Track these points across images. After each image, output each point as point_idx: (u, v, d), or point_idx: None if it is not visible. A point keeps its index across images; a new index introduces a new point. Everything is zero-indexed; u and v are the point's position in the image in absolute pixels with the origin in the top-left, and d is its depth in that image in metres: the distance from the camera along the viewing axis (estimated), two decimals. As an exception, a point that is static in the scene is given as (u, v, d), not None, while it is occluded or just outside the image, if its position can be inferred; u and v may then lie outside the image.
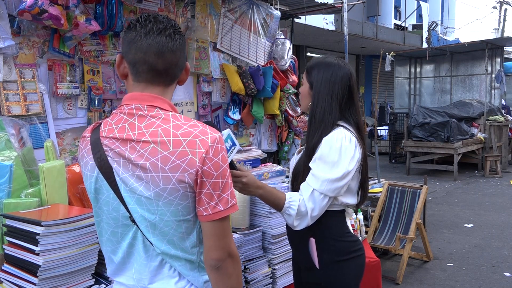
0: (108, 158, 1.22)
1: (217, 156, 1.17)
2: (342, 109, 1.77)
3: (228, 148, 1.52)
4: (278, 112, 4.00)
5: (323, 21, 9.54)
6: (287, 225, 1.93)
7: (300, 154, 1.87)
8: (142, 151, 1.17)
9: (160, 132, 1.18)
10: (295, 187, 1.80)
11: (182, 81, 1.34)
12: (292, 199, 1.67)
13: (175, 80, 1.30)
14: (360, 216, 3.50)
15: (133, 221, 1.22)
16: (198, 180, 1.16)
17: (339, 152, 1.66)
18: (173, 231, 1.20)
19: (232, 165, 1.58)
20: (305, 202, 1.66)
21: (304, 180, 1.71)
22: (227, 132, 1.52)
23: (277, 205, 1.68)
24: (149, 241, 1.22)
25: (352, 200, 1.78)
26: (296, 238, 1.85)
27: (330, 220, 1.76)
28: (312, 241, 1.76)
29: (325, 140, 1.70)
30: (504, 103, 12.03)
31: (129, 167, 1.19)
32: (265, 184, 1.69)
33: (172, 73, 1.27)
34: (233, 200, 1.20)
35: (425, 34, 13.18)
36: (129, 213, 1.22)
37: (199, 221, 1.22)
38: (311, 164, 1.71)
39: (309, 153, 1.74)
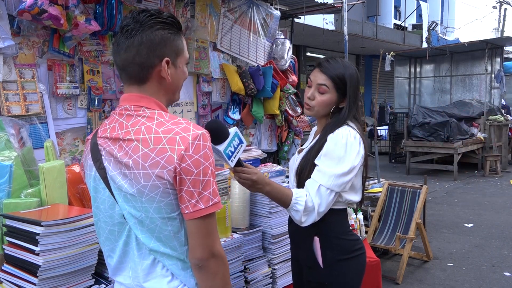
0: (102, 157, 1.25)
1: (198, 153, 1.16)
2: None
3: (236, 146, 1.53)
4: (278, 112, 4.00)
5: (323, 21, 9.55)
6: (289, 224, 1.94)
7: (302, 153, 1.87)
8: (127, 149, 1.19)
9: (143, 130, 1.19)
10: (299, 185, 1.81)
11: (163, 78, 1.25)
12: (299, 195, 1.69)
13: (143, 78, 1.25)
14: (360, 216, 3.50)
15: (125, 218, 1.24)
16: (177, 177, 1.15)
17: (345, 148, 1.70)
18: (159, 229, 1.20)
19: (239, 163, 1.59)
20: (311, 198, 1.68)
21: (310, 177, 1.73)
22: (234, 130, 1.53)
23: (284, 201, 1.70)
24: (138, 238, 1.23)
25: (355, 197, 1.80)
26: (299, 236, 1.86)
27: (334, 218, 1.78)
28: (317, 239, 1.77)
29: (331, 137, 1.74)
30: (504, 103, 12.02)
31: (117, 165, 1.21)
32: (272, 181, 1.70)
33: (131, 71, 1.25)
34: (215, 199, 1.18)
35: (425, 34, 13.18)
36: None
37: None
38: (316, 161, 1.74)
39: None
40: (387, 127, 12.35)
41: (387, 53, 9.35)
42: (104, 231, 1.31)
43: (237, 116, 3.75)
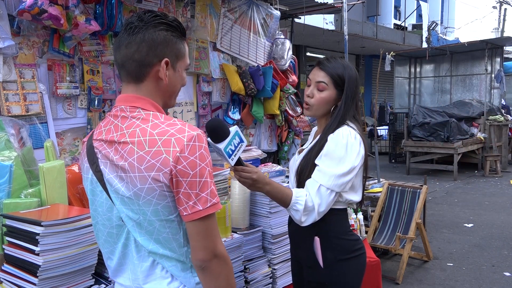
0: (98, 160, 1.24)
1: (193, 155, 1.14)
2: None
3: (236, 144, 1.53)
4: (278, 112, 4.00)
5: (323, 21, 9.55)
6: (289, 224, 1.94)
7: (302, 153, 1.88)
8: (122, 151, 1.18)
9: (138, 132, 1.18)
10: (299, 185, 1.81)
11: (160, 78, 1.25)
12: (299, 195, 1.69)
13: (140, 76, 1.24)
14: (360, 216, 3.50)
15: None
16: (174, 179, 1.14)
17: (345, 148, 1.71)
18: (157, 231, 1.20)
19: (240, 162, 1.59)
20: (312, 198, 1.68)
21: (310, 177, 1.73)
22: (234, 129, 1.53)
23: (284, 201, 1.70)
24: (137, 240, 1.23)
25: (355, 197, 1.81)
26: (299, 236, 1.86)
27: (334, 218, 1.78)
28: (317, 239, 1.77)
29: (331, 137, 1.74)
30: (504, 103, 12.02)
31: (113, 168, 1.20)
32: (273, 181, 1.71)
33: (129, 68, 1.24)
34: (213, 199, 1.17)
35: (425, 34, 13.18)
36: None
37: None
38: (317, 161, 1.74)
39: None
40: (387, 127, 12.35)
41: (387, 53, 9.35)
42: (102, 233, 1.30)
43: (237, 116, 3.75)
